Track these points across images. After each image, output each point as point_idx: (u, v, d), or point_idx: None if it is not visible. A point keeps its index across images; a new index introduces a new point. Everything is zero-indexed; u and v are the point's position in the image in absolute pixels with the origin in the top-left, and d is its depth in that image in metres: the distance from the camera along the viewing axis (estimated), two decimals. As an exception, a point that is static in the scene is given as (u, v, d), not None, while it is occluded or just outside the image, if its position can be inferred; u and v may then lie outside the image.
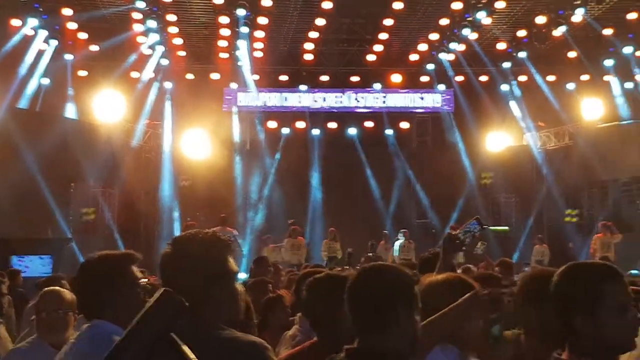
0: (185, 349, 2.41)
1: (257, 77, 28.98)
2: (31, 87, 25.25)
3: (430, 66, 29.33)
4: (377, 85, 29.74)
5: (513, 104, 29.90)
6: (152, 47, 26.79)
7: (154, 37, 26.15)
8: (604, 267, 3.44)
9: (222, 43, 26.64)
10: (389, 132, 30.75)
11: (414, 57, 28.60)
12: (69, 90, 26.51)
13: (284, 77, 29.62)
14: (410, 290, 3.59)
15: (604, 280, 3.33)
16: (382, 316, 3.51)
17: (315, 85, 29.62)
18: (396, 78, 29.41)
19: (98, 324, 4.16)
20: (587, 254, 24.71)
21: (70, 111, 26.47)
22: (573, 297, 3.32)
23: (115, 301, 4.15)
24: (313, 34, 26.40)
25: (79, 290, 4.49)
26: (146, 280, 4.51)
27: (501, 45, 27.67)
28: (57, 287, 5.95)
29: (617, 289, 3.32)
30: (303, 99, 29.80)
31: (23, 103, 24.84)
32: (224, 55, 27.57)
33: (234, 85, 29.34)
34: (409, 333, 3.53)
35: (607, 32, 25.70)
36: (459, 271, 8.75)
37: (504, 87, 29.71)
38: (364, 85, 29.87)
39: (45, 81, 25.84)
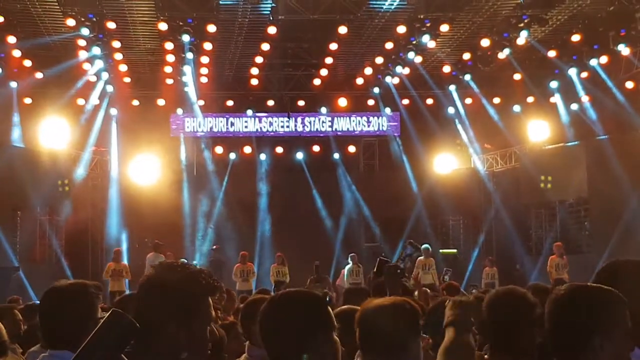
0: None
1: (202, 102, 28.99)
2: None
3: (376, 90, 29.40)
4: (324, 110, 29.76)
5: (459, 127, 30.06)
6: (97, 73, 26.63)
7: (99, 64, 25.99)
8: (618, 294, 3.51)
9: (168, 69, 26.49)
10: (336, 156, 30.77)
11: (359, 81, 28.65)
12: (15, 118, 26.25)
13: (230, 102, 29.54)
14: (324, 314, 3.57)
15: (623, 306, 3.43)
16: (299, 346, 3.45)
17: (262, 110, 29.60)
18: (342, 102, 29.42)
19: (59, 354, 4.06)
20: (536, 275, 24.88)
21: (16, 139, 26.21)
22: (595, 320, 3.37)
23: (81, 333, 3.85)
24: (258, 59, 26.35)
25: (46, 317, 4.30)
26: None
27: (446, 69, 27.78)
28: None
29: (627, 314, 3.43)
30: (249, 123, 29.77)
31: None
32: (169, 81, 27.42)
33: (180, 111, 29.27)
34: (329, 355, 3.50)
35: (551, 54, 25.93)
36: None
37: (450, 110, 29.84)
38: (310, 110, 29.91)
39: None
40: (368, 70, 27.81)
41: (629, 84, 25.76)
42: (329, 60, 26.50)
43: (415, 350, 3.98)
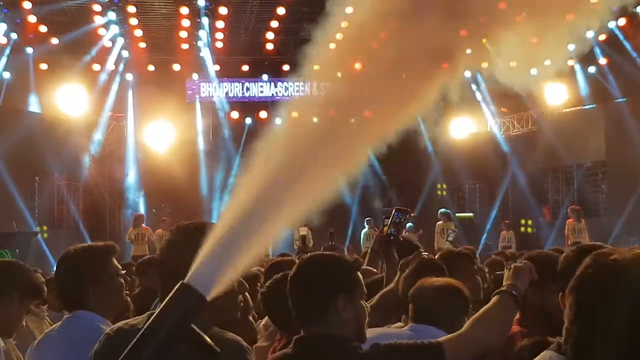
0: (207, 339, 2.44)
1: (218, 67, 28.87)
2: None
3: (393, 52, 29.10)
4: (339, 74, 29.45)
5: (476, 90, 29.85)
6: (112, 39, 26.64)
7: (115, 29, 26.02)
8: None
9: (183, 34, 26.53)
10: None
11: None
12: (32, 84, 26.31)
13: (245, 67, 29.46)
14: (349, 278, 3.60)
15: None
16: (321, 306, 3.52)
17: (277, 75, 29.48)
18: (358, 66, 29.22)
19: (81, 314, 4.23)
20: (553, 239, 24.85)
21: (33, 105, 26.30)
22: None
23: (98, 292, 4.22)
24: (274, 24, 26.33)
25: (62, 282, 4.48)
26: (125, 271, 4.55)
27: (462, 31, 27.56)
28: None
29: None
30: (265, 88, 29.70)
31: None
32: (185, 46, 27.43)
33: (195, 76, 29.20)
34: (352, 320, 3.54)
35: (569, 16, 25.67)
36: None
37: (467, 73, 29.62)
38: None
39: (6, 75, 25.64)
40: (385, 32, 27.65)
41: (648, 47, 25.57)
42: (344, 24, 26.34)
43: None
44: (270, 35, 27.30)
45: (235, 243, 2.55)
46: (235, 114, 30.05)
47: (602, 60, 26.56)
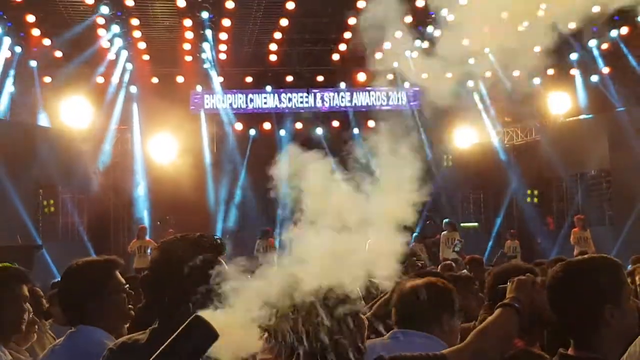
0: None
1: (222, 79, 28.83)
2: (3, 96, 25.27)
3: (396, 64, 29.01)
4: (343, 85, 29.58)
5: (479, 100, 29.79)
6: (116, 52, 26.68)
7: (119, 42, 26.07)
8: (615, 261, 3.58)
9: (187, 46, 26.53)
10: (356, 131, 30.65)
11: (378, 55, 28.46)
12: (37, 97, 26.33)
13: (249, 79, 29.46)
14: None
15: (622, 270, 3.53)
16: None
17: (281, 86, 29.46)
18: (361, 77, 29.26)
19: (85, 329, 4.23)
20: (557, 249, 24.80)
21: (38, 118, 26.31)
22: (602, 289, 3.41)
23: (102, 307, 4.23)
24: (277, 35, 26.37)
25: (65, 296, 4.50)
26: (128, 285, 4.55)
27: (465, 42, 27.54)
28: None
29: (626, 279, 3.54)
30: (268, 100, 29.66)
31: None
32: (188, 58, 27.43)
33: (199, 88, 29.17)
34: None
35: (571, 25, 25.64)
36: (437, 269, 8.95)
37: (470, 83, 29.58)
38: (329, 85, 29.73)
39: (11, 89, 25.66)
40: (387, 45, 27.59)
41: (650, 55, 25.55)
42: (347, 35, 26.41)
43: (447, 326, 4.29)
44: (273, 46, 27.31)
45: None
46: (239, 126, 30.00)
47: (605, 70, 26.55)
